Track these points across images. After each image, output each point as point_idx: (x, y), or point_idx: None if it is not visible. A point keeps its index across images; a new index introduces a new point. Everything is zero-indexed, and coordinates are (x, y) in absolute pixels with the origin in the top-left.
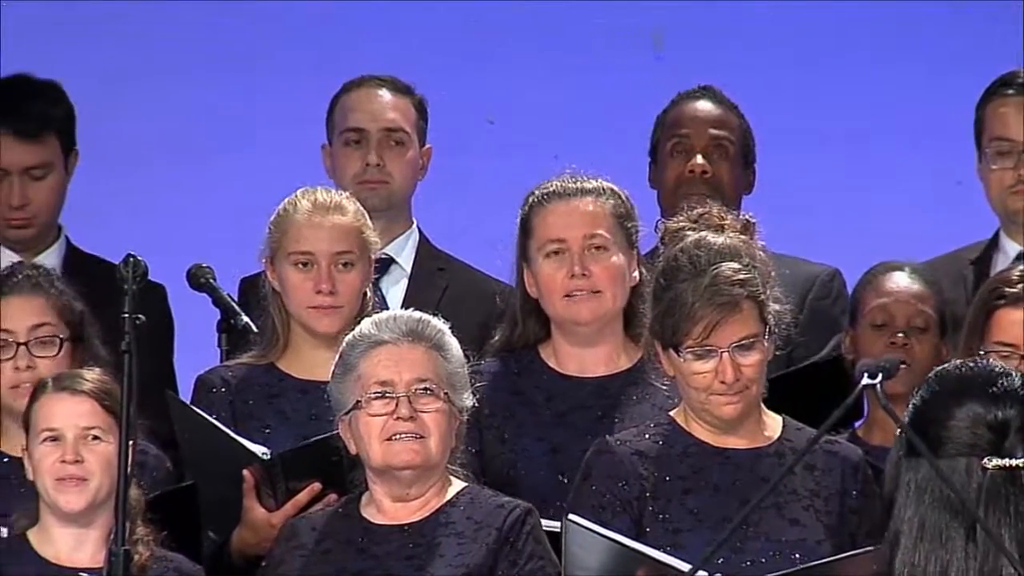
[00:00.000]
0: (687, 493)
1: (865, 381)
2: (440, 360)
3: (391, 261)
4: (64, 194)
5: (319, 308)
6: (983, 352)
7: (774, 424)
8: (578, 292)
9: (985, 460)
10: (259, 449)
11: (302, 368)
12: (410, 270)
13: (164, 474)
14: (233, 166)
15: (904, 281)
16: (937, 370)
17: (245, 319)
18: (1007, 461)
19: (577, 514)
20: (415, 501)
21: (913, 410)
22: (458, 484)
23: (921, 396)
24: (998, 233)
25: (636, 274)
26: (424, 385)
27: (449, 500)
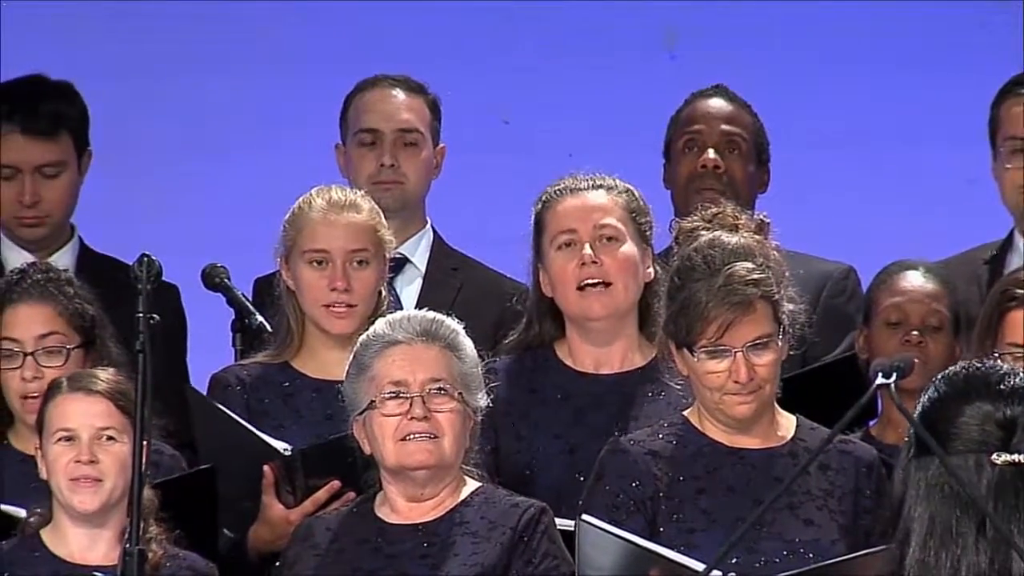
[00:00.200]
0: (701, 493)
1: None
2: (454, 360)
3: (405, 261)
4: (77, 194)
5: (334, 309)
6: (996, 354)
7: (788, 424)
8: (589, 281)
9: (994, 456)
10: (280, 445)
11: (317, 367)
12: (424, 270)
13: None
14: (247, 165)
15: (918, 280)
16: (943, 372)
17: (259, 319)
18: (1016, 457)
19: (591, 514)
20: (429, 501)
21: (921, 409)
22: (472, 484)
23: (929, 396)
24: (1012, 232)
25: (650, 270)
26: (438, 385)
27: (463, 500)
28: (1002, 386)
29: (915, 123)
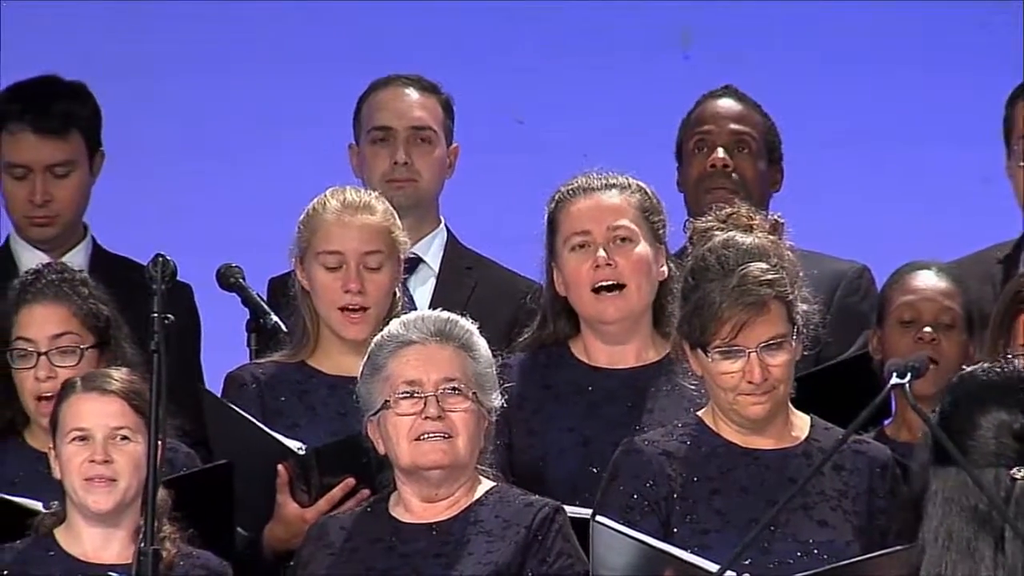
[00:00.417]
0: (715, 494)
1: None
2: (468, 360)
3: (419, 260)
4: (88, 193)
5: (348, 314)
6: (1010, 355)
7: (802, 424)
8: (603, 283)
9: (1014, 471)
10: (294, 444)
11: (332, 365)
12: (438, 269)
13: None
14: (261, 166)
15: (931, 279)
16: (961, 374)
17: (274, 319)
18: None
19: (605, 514)
20: (444, 501)
21: (939, 417)
22: (487, 483)
23: (946, 403)
24: None
25: (664, 269)
26: (452, 385)
27: (478, 499)
28: (1020, 394)
29: (929, 122)
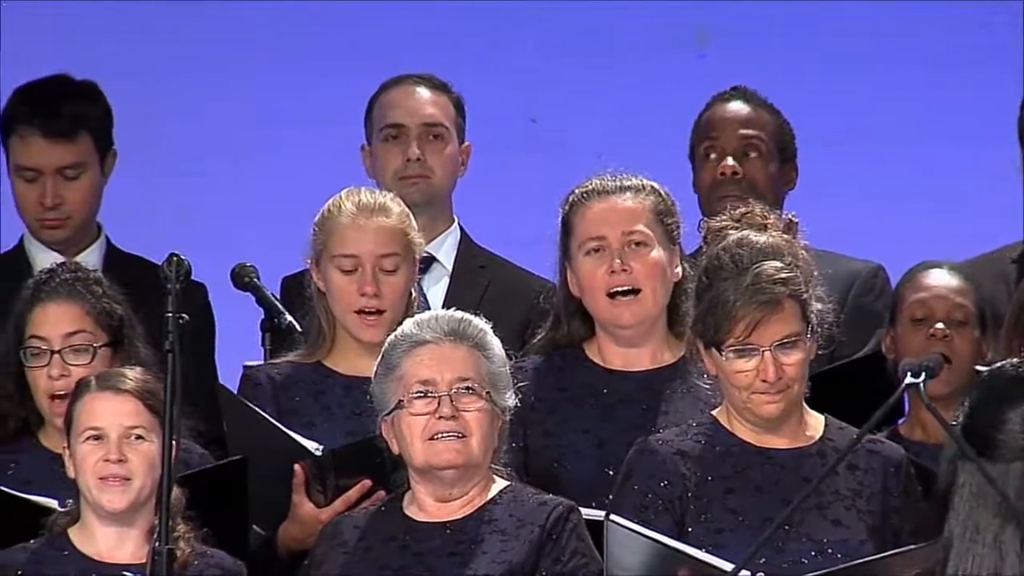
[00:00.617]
0: (729, 493)
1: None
2: (482, 360)
3: (432, 259)
4: (99, 194)
5: (364, 317)
6: None
7: (816, 424)
8: (619, 289)
9: None
10: (311, 444)
11: (348, 365)
12: (451, 268)
13: None
14: (274, 165)
15: (943, 277)
16: (991, 369)
17: (289, 318)
18: None
19: (619, 514)
20: (457, 500)
21: (966, 411)
22: (501, 483)
23: (974, 397)
24: None
25: (678, 270)
26: (466, 384)
27: (492, 498)
28: None
29: (944, 122)
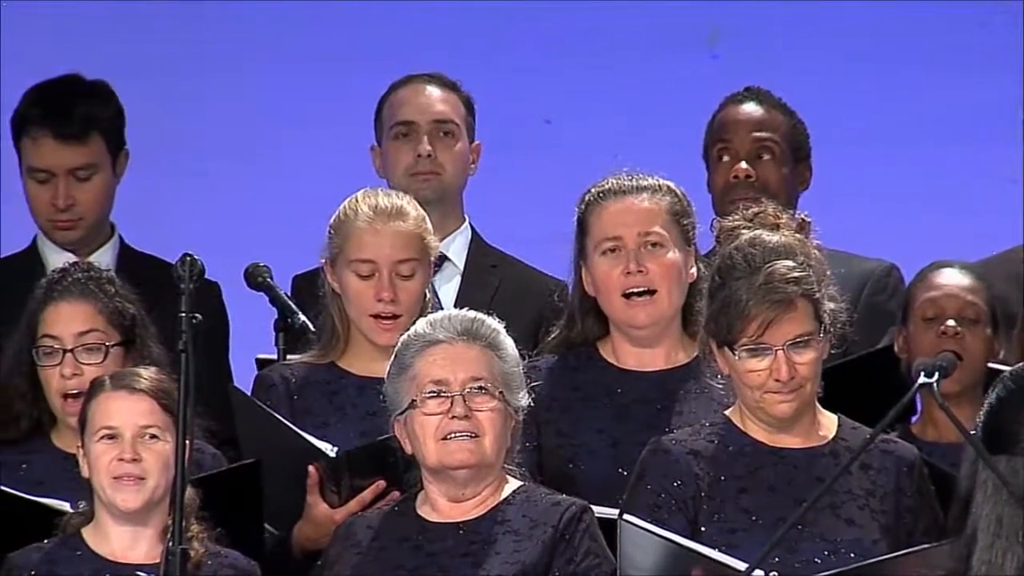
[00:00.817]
0: (742, 493)
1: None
2: (495, 359)
3: (443, 258)
4: (112, 194)
5: (380, 321)
6: None
7: (829, 423)
8: (634, 289)
9: None
10: (325, 446)
11: (362, 366)
12: (463, 267)
13: None
14: (287, 164)
15: (954, 276)
16: (1017, 366)
17: (302, 318)
18: None
19: (632, 514)
20: (471, 500)
21: (988, 407)
22: (514, 483)
23: (997, 393)
24: None
25: (693, 271)
26: (479, 384)
27: (505, 498)
28: None
29: (956, 122)
